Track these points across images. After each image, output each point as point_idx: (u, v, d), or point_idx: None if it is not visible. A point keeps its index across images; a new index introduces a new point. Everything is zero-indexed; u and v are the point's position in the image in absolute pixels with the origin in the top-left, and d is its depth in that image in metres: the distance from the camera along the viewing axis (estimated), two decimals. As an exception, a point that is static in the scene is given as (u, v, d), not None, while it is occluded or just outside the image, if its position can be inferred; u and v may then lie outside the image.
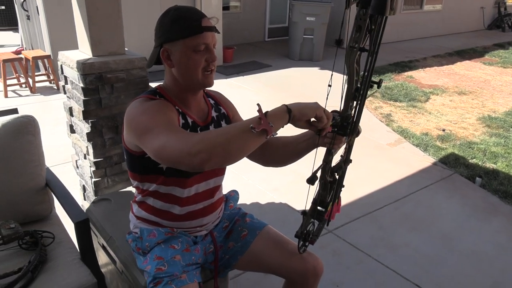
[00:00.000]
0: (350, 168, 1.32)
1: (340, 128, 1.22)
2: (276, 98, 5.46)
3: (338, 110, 1.23)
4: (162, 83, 1.40)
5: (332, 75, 1.26)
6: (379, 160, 3.84)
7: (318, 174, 1.26)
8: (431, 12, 11.08)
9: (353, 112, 1.19)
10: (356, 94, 1.16)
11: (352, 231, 2.75)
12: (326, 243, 2.60)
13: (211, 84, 1.33)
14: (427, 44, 10.05)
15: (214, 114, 1.46)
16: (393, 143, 4.24)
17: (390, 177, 3.50)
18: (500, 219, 2.99)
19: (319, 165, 1.27)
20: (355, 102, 1.18)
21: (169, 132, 1.11)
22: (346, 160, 1.30)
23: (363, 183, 3.36)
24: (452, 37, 11.26)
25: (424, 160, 3.87)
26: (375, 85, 1.14)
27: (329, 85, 1.18)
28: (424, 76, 7.11)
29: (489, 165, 3.83)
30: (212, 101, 1.50)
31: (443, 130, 4.65)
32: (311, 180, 1.20)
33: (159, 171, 1.34)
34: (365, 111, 5.13)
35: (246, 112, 1.59)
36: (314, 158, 1.33)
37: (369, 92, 1.16)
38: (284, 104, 1.13)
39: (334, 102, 1.27)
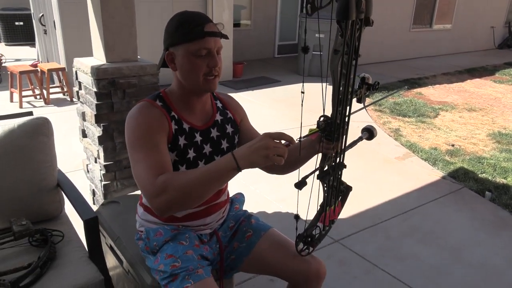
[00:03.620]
0: (358, 180, 1.33)
1: (328, 133, 1.20)
2: (285, 111, 5.51)
3: (325, 115, 1.22)
4: (169, 86, 1.44)
5: (303, 83, 1.26)
6: (387, 173, 3.83)
7: (311, 179, 1.24)
8: (441, 31, 11.14)
9: (340, 117, 1.17)
10: (342, 98, 1.15)
11: (359, 241, 2.73)
12: (333, 252, 2.59)
13: (213, 89, 1.35)
14: (437, 62, 10.08)
15: (218, 117, 1.48)
16: (402, 157, 4.23)
17: (398, 190, 3.49)
18: (509, 233, 2.95)
19: (312, 170, 1.25)
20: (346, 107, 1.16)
21: (145, 165, 1.22)
22: (336, 166, 1.28)
23: (371, 195, 3.35)
24: (462, 56, 11.28)
25: (432, 174, 3.85)
26: (376, 90, 1.15)
27: (302, 92, 1.20)
28: (433, 93, 7.12)
29: (499, 180, 3.80)
30: (219, 104, 1.52)
31: (452, 145, 4.63)
32: (299, 185, 1.17)
33: None
34: (373, 125, 5.15)
35: (256, 125, 1.62)
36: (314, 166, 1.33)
37: (369, 98, 1.16)
38: (232, 155, 1.11)
39: (328, 107, 1.27)
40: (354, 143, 1.40)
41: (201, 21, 1.28)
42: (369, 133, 1.50)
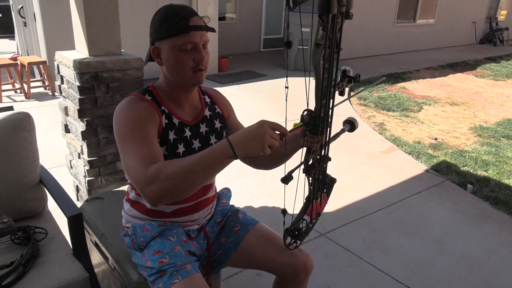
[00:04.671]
0: (343, 174, 1.34)
1: (312, 127, 1.20)
2: (270, 106, 5.51)
3: (309, 108, 1.22)
4: (158, 80, 1.42)
5: (287, 77, 1.27)
6: (372, 167, 3.87)
7: (297, 173, 1.24)
8: (424, 26, 11.28)
9: (323, 110, 1.17)
10: (325, 91, 1.14)
11: (344, 234, 2.76)
12: (319, 245, 2.61)
13: (200, 82, 1.33)
14: (420, 57, 10.20)
15: (207, 112, 1.47)
16: (386, 151, 4.28)
17: (383, 183, 3.53)
18: (490, 225, 3.02)
19: (297, 164, 1.25)
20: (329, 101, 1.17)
21: (136, 155, 1.19)
22: (321, 159, 1.28)
23: (356, 188, 3.39)
24: (445, 51, 11.44)
25: (416, 167, 3.91)
26: (359, 84, 1.16)
27: (286, 87, 1.21)
28: (417, 87, 7.21)
29: (481, 172, 3.88)
30: (208, 99, 1.51)
31: (435, 139, 4.70)
32: (285, 180, 1.15)
33: None
34: (358, 119, 5.20)
35: (242, 119, 1.62)
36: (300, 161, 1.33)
37: (353, 91, 1.17)
38: (228, 142, 1.07)
39: (311, 101, 1.27)
40: (336, 135, 1.41)
41: (186, 14, 1.26)
42: (350, 125, 1.51)
